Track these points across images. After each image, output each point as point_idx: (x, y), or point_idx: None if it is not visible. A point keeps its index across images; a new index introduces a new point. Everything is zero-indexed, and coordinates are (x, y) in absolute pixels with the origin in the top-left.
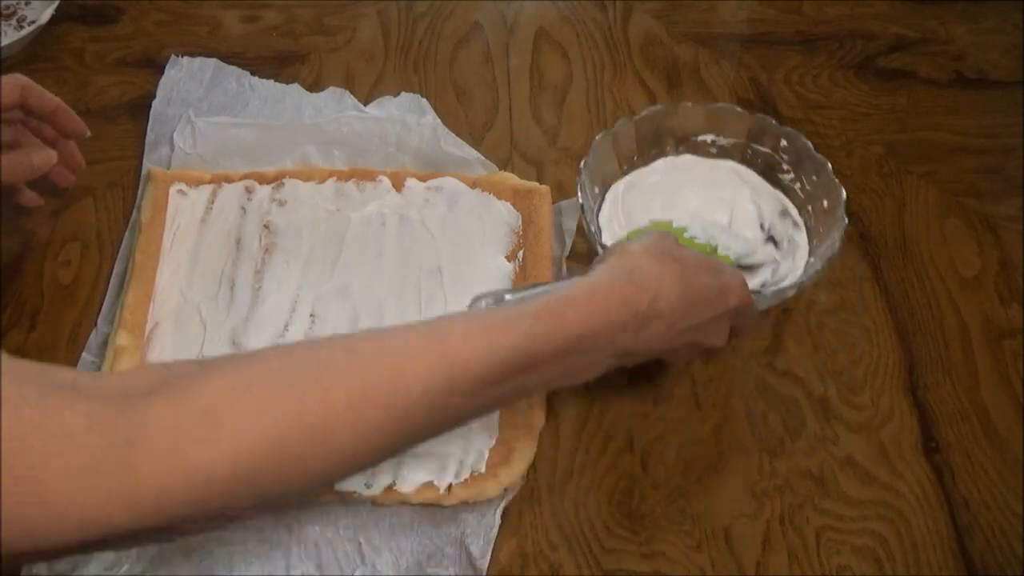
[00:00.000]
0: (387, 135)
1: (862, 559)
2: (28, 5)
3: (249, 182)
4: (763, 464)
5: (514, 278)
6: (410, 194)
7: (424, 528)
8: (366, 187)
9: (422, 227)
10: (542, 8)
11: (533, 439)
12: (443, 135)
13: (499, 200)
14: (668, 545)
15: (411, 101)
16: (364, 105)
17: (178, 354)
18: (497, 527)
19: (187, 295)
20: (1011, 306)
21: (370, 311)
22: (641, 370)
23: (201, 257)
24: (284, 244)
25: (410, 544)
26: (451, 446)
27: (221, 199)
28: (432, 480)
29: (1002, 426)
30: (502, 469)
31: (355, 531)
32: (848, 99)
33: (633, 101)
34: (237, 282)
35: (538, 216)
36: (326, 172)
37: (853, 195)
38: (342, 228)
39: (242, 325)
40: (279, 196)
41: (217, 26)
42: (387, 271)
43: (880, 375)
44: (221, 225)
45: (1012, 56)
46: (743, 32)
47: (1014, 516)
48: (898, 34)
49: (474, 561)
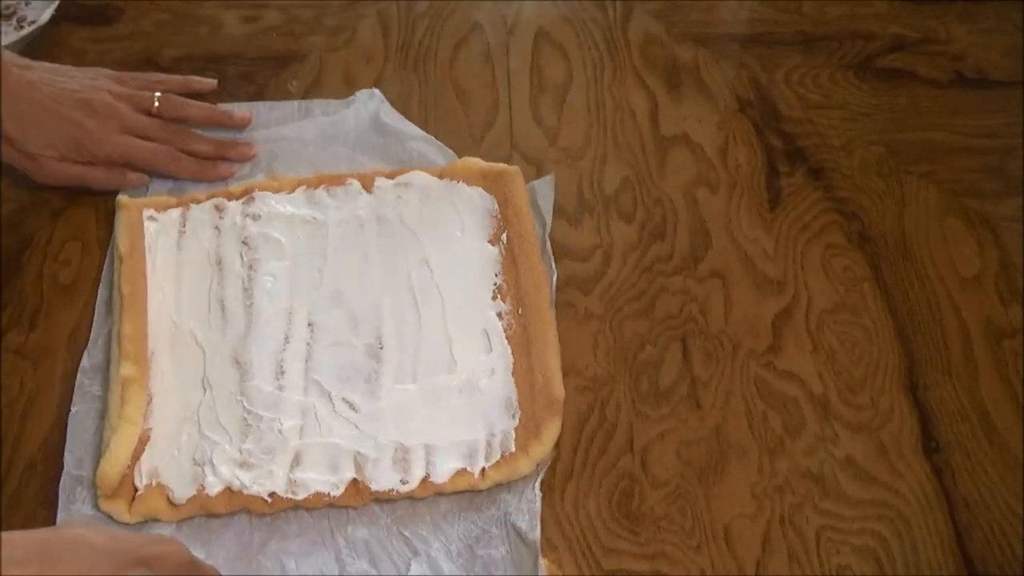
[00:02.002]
0: (342, 136)
1: (862, 559)
2: (28, 5)
3: (218, 200)
4: (763, 464)
5: (501, 260)
6: (381, 193)
7: (466, 514)
8: (337, 192)
9: (400, 224)
10: (542, 8)
11: (557, 411)
12: (385, 111)
13: (470, 187)
14: (668, 545)
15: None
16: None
17: (181, 380)
18: (539, 500)
19: (177, 322)
20: (1011, 306)
21: (367, 312)
22: (642, 369)
23: (184, 282)
24: (267, 258)
25: (455, 531)
26: (474, 432)
27: (192, 221)
28: (465, 466)
29: (1002, 426)
30: (532, 444)
31: (399, 526)
32: (848, 99)
33: (633, 101)
34: (227, 302)
35: (514, 196)
36: (294, 181)
37: (853, 195)
38: (322, 235)
39: (242, 343)
40: (251, 211)
41: (217, 26)
42: (376, 271)
43: (880, 375)
44: (197, 248)
45: (1012, 56)
46: (743, 32)
47: (1014, 516)
48: (898, 34)
49: (524, 536)
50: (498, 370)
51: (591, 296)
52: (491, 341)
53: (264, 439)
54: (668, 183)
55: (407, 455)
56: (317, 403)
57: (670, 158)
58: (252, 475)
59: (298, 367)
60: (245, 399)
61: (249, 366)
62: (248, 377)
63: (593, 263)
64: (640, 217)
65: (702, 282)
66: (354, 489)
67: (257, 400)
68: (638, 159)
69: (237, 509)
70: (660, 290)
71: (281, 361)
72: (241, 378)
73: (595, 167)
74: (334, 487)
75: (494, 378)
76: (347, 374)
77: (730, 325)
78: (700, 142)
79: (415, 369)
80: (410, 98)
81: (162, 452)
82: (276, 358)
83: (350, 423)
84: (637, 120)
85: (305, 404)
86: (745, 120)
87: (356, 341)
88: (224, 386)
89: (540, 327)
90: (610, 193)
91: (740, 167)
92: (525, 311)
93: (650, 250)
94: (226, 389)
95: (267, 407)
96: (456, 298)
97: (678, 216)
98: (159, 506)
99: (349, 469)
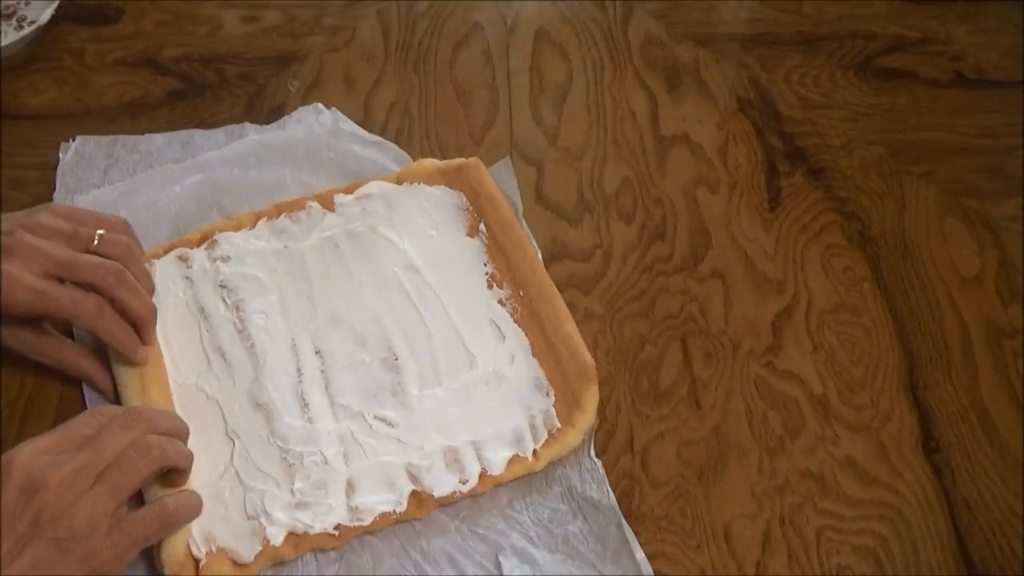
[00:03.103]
0: (288, 157)
1: (862, 559)
2: (28, 5)
3: (180, 251)
4: (763, 464)
5: (485, 249)
6: (344, 210)
7: (529, 498)
8: (300, 217)
9: (374, 234)
10: (542, 8)
11: (592, 377)
12: (342, 121)
13: (431, 186)
14: (668, 545)
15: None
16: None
17: (205, 438)
18: (600, 467)
19: (179, 380)
20: (1011, 306)
21: (370, 327)
22: (642, 369)
23: (172, 340)
24: (251, 296)
25: (526, 517)
26: (514, 419)
27: (160, 276)
28: (516, 452)
29: (1002, 426)
30: (576, 415)
31: (470, 527)
32: (848, 99)
33: (633, 101)
34: (225, 348)
35: (483, 187)
36: (252, 217)
37: (853, 195)
38: (298, 262)
39: (256, 386)
40: (218, 254)
41: (217, 26)
42: (365, 285)
43: (880, 375)
44: (174, 303)
45: (1012, 56)
46: (743, 32)
47: (1014, 516)
48: (898, 34)
49: (598, 504)
50: (518, 355)
51: (591, 296)
52: (501, 329)
53: (312, 475)
54: (668, 183)
55: (457, 456)
56: (352, 426)
57: (670, 158)
58: (311, 513)
59: (320, 396)
60: (279, 440)
61: (271, 406)
62: (274, 417)
63: (593, 263)
64: (640, 217)
65: (702, 282)
66: (416, 501)
67: (292, 438)
68: (638, 159)
69: (306, 551)
70: (660, 290)
71: (302, 393)
72: (267, 420)
73: (595, 167)
74: (397, 504)
75: (517, 363)
76: (372, 391)
77: (730, 325)
78: (700, 142)
79: (437, 372)
80: (410, 98)
81: (210, 515)
82: (296, 392)
83: (391, 438)
84: (637, 120)
85: (340, 430)
86: (745, 120)
87: (368, 357)
88: (252, 432)
89: (548, 303)
90: (610, 193)
91: (740, 167)
92: (527, 292)
93: (650, 250)
94: (255, 434)
95: (303, 442)
96: (453, 294)
97: (678, 216)
98: (227, 571)
99: (406, 483)
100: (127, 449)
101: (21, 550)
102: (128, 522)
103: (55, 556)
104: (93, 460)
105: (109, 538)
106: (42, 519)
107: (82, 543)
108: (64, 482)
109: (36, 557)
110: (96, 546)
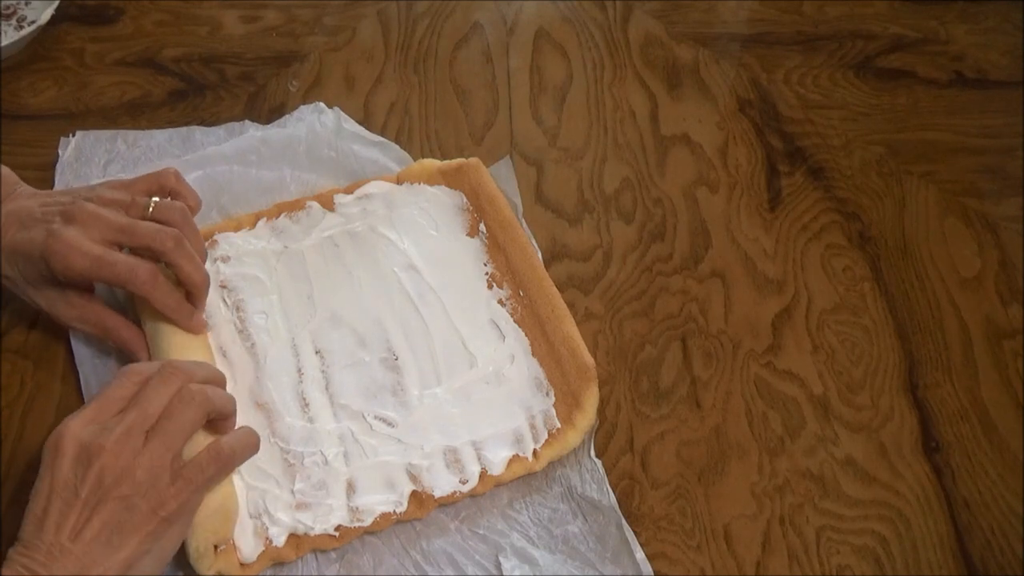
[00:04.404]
0: (289, 156)
1: (862, 559)
2: (28, 5)
3: None
4: (763, 464)
5: (486, 249)
6: (344, 209)
7: (529, 498)
8: (299, 217)
9: (374, 234)
10: (542, 8)
11: (592, 377)
12: (344, 120)
13: (432, 186)
14: (668, 545)
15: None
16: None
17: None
18: (601, 467)
19: None
20: (1011, 306)
21: (370, 327)
22: (642, 369)
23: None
24: (251, 296)
25: (526, 517)
26: (514, 419)
27: None
28: (516, 452)
29: (1002, 426)
30: (575, 415)
31: (470, 527)
32: (848, 99)
33: (633, 101)
34: (226, 348)
35: (483, 186)
36: (252, 217)
37: (853, 195)
38: (299, 262)
39: (257, 385)
40: (218, 254)
41: (217, 26)
42: (365, 285)
43: (880, 375)
44: None
45: (1012, 56)
46: (743, 32)
47: (1014, 516)
48: (898, 34)
49: (599, 504)
50: (518, 355)
51: (591, 296)
52: (501, 329)
53: (312, 475)
54: (668, 183)
55: (457, 456)
56: (352, 426)
57: (670, 158)
58: (312, 514)
59: (321, 396)
60: (279, 440)
61: (272, 405)
62: (275, 417)
63: (593, 263)
64: (640, 217)
65: (702, 282)
66: (417, 501)
67: (292, 438)
68: (638, 159)
69: (307, 552)
70: (660, 290)
71: (302, 393)
72: (268, 420)
73: (595, 167)
74: (397, 504)
75: (517, 363)
76: (372, 391)
77: (730, 325)
78: (700, 142)
79: (437, 372)
80: (410, 98)
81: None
82: (296, 392)
83: (392, 438)
84: (637, 120)
85: (341, 430)
86: (745, 120)
87: (368, 357)
88: None
89: (548, 303)
90: (610, 193)
91: (740, 167)
92: (527, 292)
93: (650, 250)
94: None
95: (304, 442)
96: (453, 294)
97: (678, 216)
98: (234, 567)
99: (406, 483)
100: (172, 401)
101: (89, 517)
102: (187, 468)
103: (124, 515)
104: (141, 418)
105: (172, 487)
106: (104, 482)
107: (147, 497)
108: (118, 443)
109: (106, 519)
110: (161, 497)
